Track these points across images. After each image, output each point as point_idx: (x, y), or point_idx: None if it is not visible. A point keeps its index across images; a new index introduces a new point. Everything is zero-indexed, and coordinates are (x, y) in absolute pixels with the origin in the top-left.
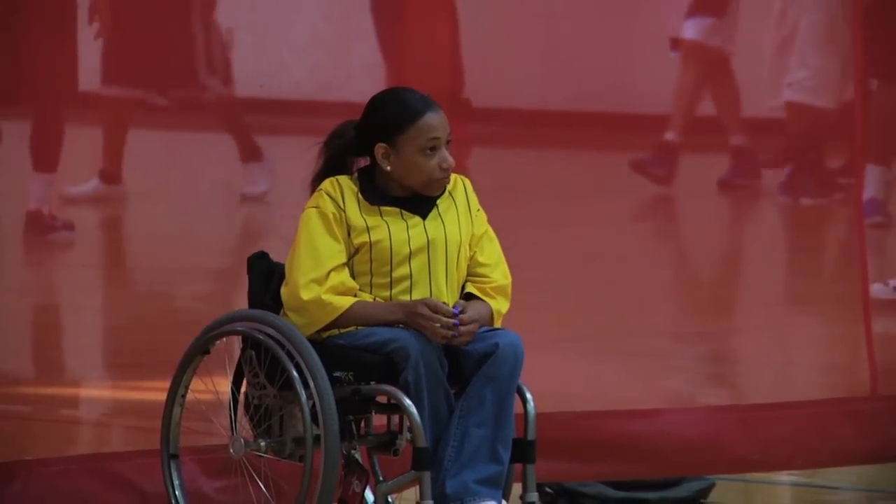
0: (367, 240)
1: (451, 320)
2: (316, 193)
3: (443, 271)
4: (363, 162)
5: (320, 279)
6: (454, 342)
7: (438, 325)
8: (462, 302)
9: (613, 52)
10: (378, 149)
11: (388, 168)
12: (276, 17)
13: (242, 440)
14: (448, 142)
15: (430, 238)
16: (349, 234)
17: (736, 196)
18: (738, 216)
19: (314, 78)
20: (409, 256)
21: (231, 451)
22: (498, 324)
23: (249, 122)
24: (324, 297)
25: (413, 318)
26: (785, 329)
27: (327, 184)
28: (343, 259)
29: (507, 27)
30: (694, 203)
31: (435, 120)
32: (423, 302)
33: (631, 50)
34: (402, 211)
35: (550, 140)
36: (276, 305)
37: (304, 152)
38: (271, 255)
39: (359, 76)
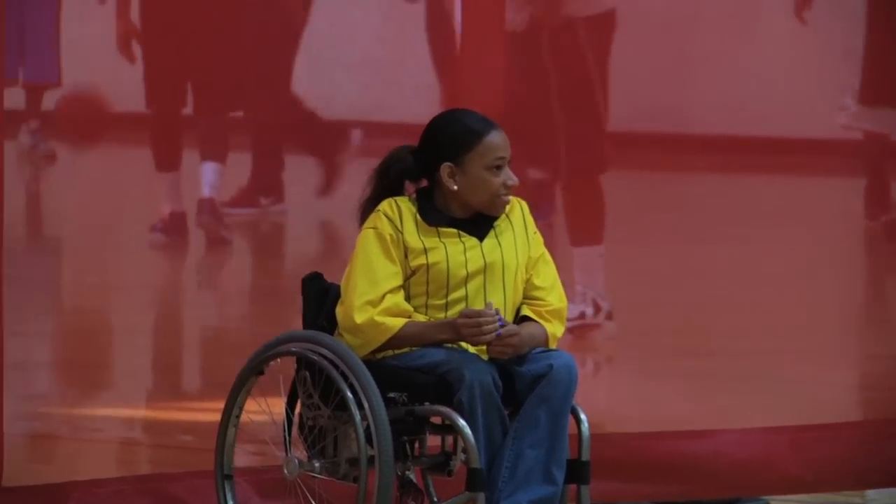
0: (425, 262)
1: (492, 313)
2: (374, 214)
3: (499, 294)
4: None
5: (375, 301)
6: (497, 352)
7: (484, 325)
8: (508, 322)
9: (668, 72)
10: (444, 168)
11: (455, 187)
12: (330, 38)
13: (297, 461)
14: (509, 161)
15: (487, 261)
16: (406, 256)
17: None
18: (786, 237)
19: (368, 99)
20: (466, 279)
21: (285, 471)
22: (553, 346)
23: (305, 142)
24: (377, 318)
25: (458, 332)
26: (838, 349)
27: (385, 205)
28: (399, 281)
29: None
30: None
31: (499, 139)
32: (461, 314)
33: (685, 70)
34: (460, 232)
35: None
36: (330, 326)
37: (360, 173)
38: (325, 276)
39: (412, 97)
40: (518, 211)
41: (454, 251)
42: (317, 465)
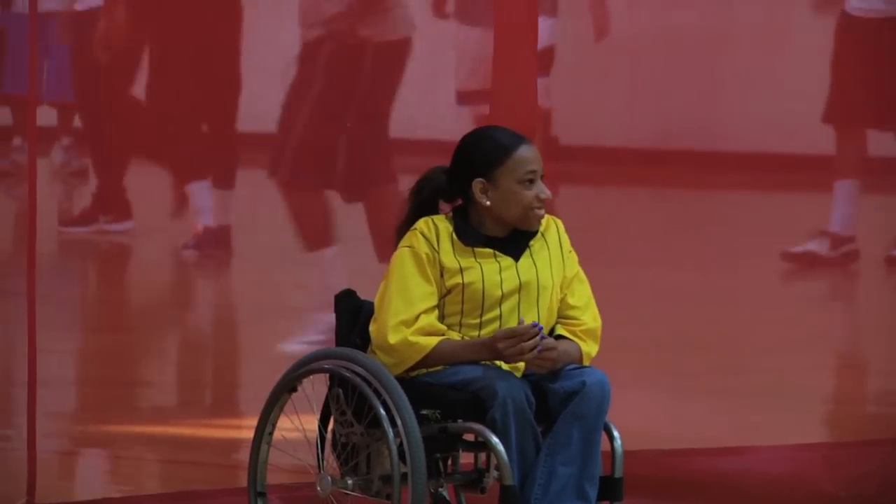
0: (461, 281)
1: (530, 327)
2: (410, 233)
3: (533, 314)
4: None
5: (409, 321)
6: (535, 365)
7: (524, 341)
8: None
9: (699, 90)
10: (476, 184)
11: (487, 203)
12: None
13: (329, 478)
14: (542, 176)
15: (522, 281)
16: (442, 275)
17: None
18: (816, 254)
19: (401, 116)
20: (501, 299)
21: (318, 488)
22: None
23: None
24: (410, 338)
25: (499, 353)
26: (870, 365)
27: (422, 223)
28: (434, 301)
29: (593, 65)
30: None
31: (530, 153)
32: (498, 336)
33: (716, 88)
34: (496, 252)
35: (636, 178)
36: (363, 343)
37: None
38: (358, 293)
39: (445, 114)
40: (553, 230)
41: (490, 271)
42: (350, 482)
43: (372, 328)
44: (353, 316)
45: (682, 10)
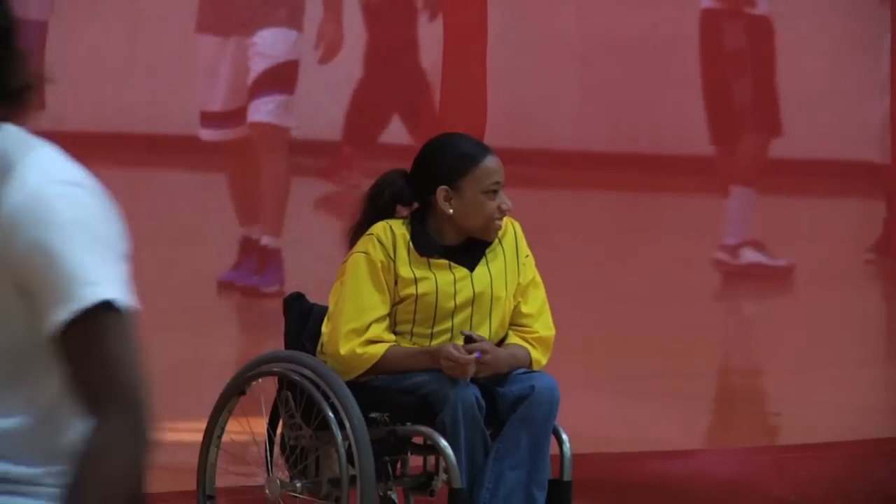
0: (414, 292)
1: (473, 355)
2: (367, 237)
3: (485, 326)
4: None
5: (360, 330)
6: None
7: (463, 363)
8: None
9: (650, 93)
10: (440, 192)
11: (450, 211)
12: (313, 58)
13: (278, 481)
14: (503, 185)
15: (476, 292)
16: (396, 283)
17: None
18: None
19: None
20: (454, 311)
21: (267, 491)
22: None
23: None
24: (358, 350)
25: (439, 365)
26: (820, 370)
27: (379, 229)
28: (385, 310)
29: (543, 68)
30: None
31: (494, 163)
32: (443, 352)
33: (667, 91)
34: (451, 263)
35: (586, 181)
36: (312, 346)
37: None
38: (307, 296)
39: (395, 118)
40: (511, 234)
41: (444, 282)
42: (298, 485)
43: (325, 329)
44: (303, 319)
45: (634, 15)
